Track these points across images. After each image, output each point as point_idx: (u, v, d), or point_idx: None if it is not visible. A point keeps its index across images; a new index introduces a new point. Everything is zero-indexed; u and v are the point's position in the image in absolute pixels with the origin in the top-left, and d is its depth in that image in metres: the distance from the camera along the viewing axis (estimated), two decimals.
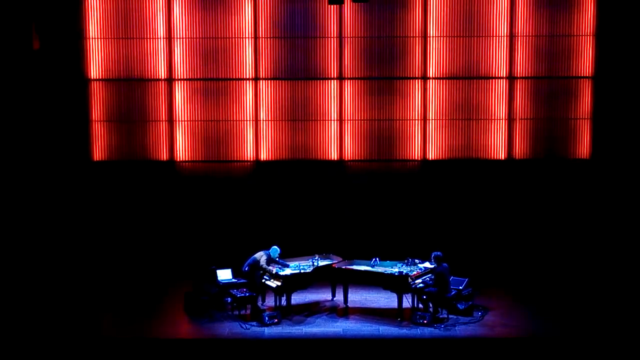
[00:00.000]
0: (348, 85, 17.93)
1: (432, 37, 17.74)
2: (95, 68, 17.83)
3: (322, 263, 15.22)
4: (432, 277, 14.52)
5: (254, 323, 14.11)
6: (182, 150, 18.07)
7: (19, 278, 16.65)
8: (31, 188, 17.57)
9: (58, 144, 17.75)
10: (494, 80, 17.85)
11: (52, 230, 17.68)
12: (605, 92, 17.68)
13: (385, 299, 15.38)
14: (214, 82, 17.93)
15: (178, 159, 18.07)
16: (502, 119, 17.93)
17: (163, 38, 17.79)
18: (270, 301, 15.06)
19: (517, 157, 17.98)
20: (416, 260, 15.05)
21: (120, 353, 13.07)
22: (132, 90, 17.91)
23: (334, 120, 18.00)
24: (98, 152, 17.99)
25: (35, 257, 17.40)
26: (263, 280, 14.92)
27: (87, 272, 17.38)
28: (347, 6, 17.53)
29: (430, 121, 17.95)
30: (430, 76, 17.86)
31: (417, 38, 17.77)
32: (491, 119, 17.94)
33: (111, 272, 17.48)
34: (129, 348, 13.18)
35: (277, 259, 15.12)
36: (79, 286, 16.57)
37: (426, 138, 17.99)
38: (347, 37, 17.77)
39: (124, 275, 17.37)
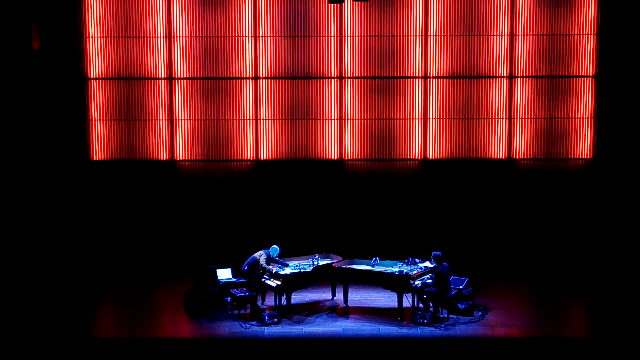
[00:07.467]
0: (348, 85, 17.89)
1: (433, 36, 17.72)
2: (95, 67, 17.81)
3: (322, 263, 15.18)
4: (433, 276, 14.48)
5: (254, 323, 14.07)
6: (182, 149, 18.04)
7: (18, 278, 16.63)
8: (30, 187, 17.56)
9: (57, 144, 17.73)
10: (494, 79, 17.82)
11: (51, 229, 17.66)
12: (607, 91, 17.64)
13: (385, 299, 15.34)
14: (214, 81, 17.90)
15: (178, 159, 18.05)
16: (503, 119, 17.89)
17: (163, 37, 17.77)
18: (270, 301, 15.02)
19: (517, 157, 17.95)
20: (417, 260, 15.01)
21: (120, 353, 13.03)
22: (132, 89, 17.89)
23: (334, 119, 17.97)
24: (97, 151, 17.97)
25: (34, 256, 17.38)
26: (263, 280, 14.88)
27: (87, 271, 17.35)
28: (348, 5, 17.50)
29: (431, 121, 17.91)
30: (431, 75, 17.83)
31: (417, 37, 17.73)
32: (492, 119, 17.90)
33: (111, 271, 17.45)
34: (129, 348, 13.15)
35: (277, 258, 15.09)
36: (78, 286, 16.54)
37: (427, 138, 17.95)
38: (348, 36, 17.74)
39: (124, 274, 17.34)
